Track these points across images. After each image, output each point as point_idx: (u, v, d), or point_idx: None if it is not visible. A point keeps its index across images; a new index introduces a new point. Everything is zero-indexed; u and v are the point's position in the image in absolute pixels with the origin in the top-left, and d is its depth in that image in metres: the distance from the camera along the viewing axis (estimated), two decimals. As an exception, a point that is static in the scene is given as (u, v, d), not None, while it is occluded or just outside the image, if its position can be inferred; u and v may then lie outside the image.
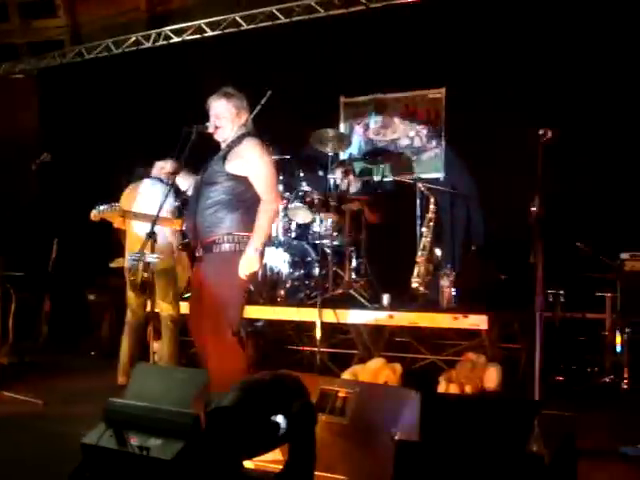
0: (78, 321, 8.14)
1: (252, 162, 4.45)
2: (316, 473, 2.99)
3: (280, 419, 2.74)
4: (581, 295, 6.51)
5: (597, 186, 6.81)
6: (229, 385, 3.27)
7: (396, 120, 8.25)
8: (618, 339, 6.14)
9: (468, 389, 5.47)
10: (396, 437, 3.17)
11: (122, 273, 6.32)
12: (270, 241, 6.55)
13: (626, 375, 6.03)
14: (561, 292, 6.38)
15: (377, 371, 5.72)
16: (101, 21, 9.55)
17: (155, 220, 4.46)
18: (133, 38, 9.33)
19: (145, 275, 4.44)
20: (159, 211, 4.51)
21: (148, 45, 9.28)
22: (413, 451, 2.58)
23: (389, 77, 7.99)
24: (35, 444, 4.50)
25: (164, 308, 6.04)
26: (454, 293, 6.40)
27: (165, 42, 9.18)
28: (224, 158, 4.48)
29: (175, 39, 9.12)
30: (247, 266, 4.33)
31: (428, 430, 2.64)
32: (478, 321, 5.81)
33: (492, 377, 5.50)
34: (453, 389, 5.50)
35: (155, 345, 5.91)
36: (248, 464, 3.10)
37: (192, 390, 3.14)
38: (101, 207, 5.37)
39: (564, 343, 6.33)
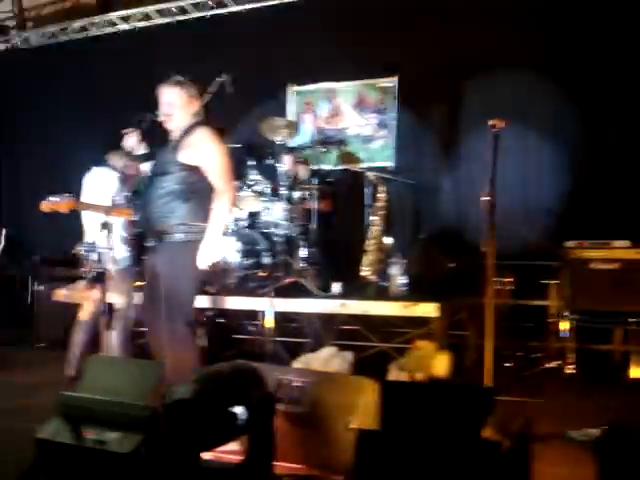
0: (24, 312, 7.99)
1: (205, 151, 4.44)
2: (275, 463, 3.01)
3: (239, 410, 2.74)
4: (527, 282, 6.62)
5: (547, 173, 6.94)
6: (183, 374, 3.26)
7: (346, 109, 8.27)
8: (563, 325, 6.27)
9: (418, 377, 5.53)
10: (352, 425, 3.20)
11: (72, 263, 6.24)
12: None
13: (571, 360, 6.16)
14: (509, 279, 6.48)
15: (328, 360, 5.75)
16: (48, 7, 9.35)
17: (109, 210, 4.41)
18: (80, 24, 9.16)
19: (98, 266, 4.39)
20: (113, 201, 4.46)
21: (96, 32, 9.12)
22: (373, 439, 2.61)
23: (339, 65, 7.99)
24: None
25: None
26: (404, 281, 6.45)
27: (113, 29, 9.03)
28: (176, 148, 4.46)
29: (123, 26, 8.98)
30: (207, 256, 4.32)
31: (387, 418, 2.67)
32: (428, 309, 5.85)
33: (442, 365, 5.55)
34: (403, 377, 5.54)
35: (107, 336, 5.85)
36: (208, 455, 3.10)
37: (148, 382, 3.10)
38: (52, 198, 5.27)
39: (511, 330, 6.43)
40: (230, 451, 3.26)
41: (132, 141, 4.68)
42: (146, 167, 4.71)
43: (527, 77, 6.96)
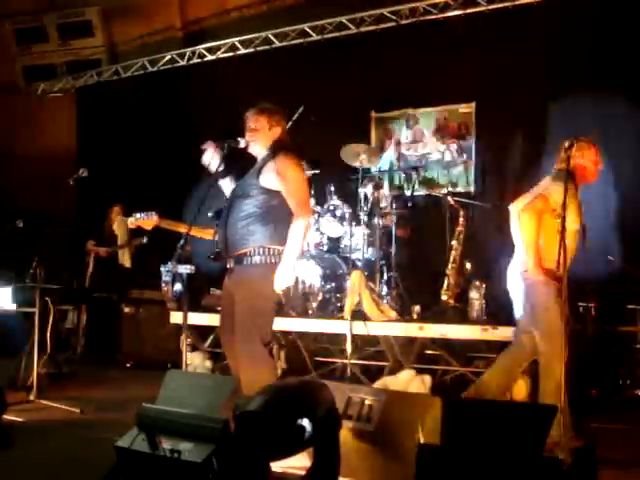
0: (114, 333, 8.27)
1: (285, 176, 4.51)
2: (341, 478, 3.06)
3: (305, 423, 2.81)
4: (613, 308, 6.49)
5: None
6: (259, 393, 3.35)
7: (427, 135, 8.32)
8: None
9: (497, 401, 5.49)
10: (419, 442, 3.23)
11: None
12: (302, 254, 6.61)
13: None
14: (592, 305, 6.36)
15: (407, 382, 5.78)
16: (137, 40, 9.75)
17: (188, 230, 4.53)
18: (168, 56, 9.50)
19: (178, 287, 4.51)
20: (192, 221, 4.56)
21: (182, 63, 9.45)
22: (433, 454, 2.65)
23: (420, 92, 8.06)
24: (70, 448, 4.61)
25: None
26: (484, 305, 6.42)
27: (199, 60, 9.34)
28: (258, 172, 4.56)
29: (209, 57, 9.27)
30: (282, 280, 4.41)
31: (449, 434, 2.70)
32: (508, 333, 5.81)
33: (521, 389, 5.51)
34: (482, 401, 5.52)
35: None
36: (276, 466, 3.18)
37: (221, 396, 3.23)
38: (137, 215, 5.48)
39: (597, 356, 6.30)
40: (297, 465, 3.33)
41: (208, 156, 4.76)
42: (225, 185, 4.81)
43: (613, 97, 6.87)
